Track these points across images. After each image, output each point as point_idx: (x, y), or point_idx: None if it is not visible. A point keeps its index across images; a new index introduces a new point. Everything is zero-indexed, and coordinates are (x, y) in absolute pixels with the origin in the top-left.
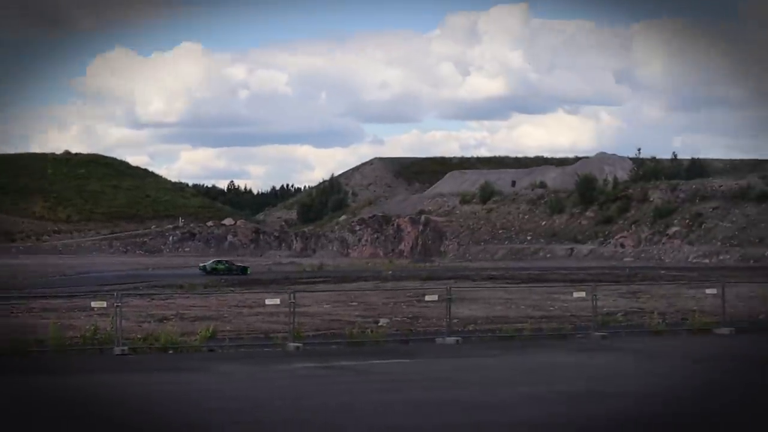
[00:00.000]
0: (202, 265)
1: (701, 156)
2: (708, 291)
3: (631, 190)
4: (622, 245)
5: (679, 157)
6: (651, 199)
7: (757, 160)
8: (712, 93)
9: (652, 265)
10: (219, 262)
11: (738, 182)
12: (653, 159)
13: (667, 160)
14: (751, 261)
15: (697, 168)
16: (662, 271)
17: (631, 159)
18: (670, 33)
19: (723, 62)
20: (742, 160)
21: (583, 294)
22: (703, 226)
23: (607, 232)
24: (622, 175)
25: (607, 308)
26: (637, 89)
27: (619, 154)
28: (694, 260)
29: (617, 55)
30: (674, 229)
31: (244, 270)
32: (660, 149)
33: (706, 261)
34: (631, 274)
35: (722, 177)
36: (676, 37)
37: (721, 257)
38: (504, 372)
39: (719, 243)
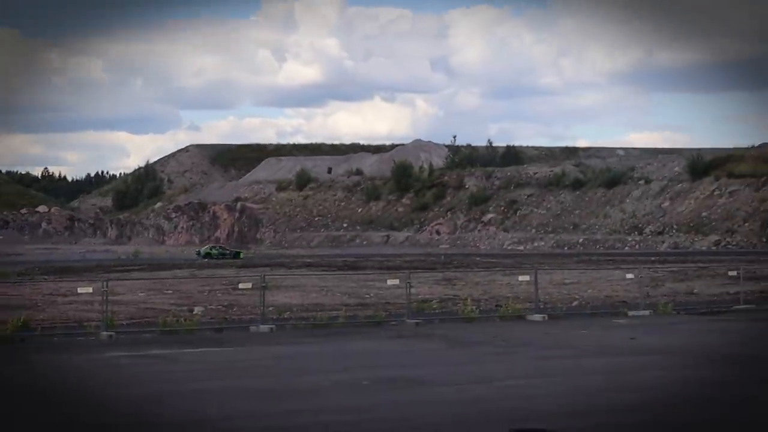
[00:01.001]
0: (197, 250)
1: (516, 143)
2: (521, 278)
3: (446, 177)
4: (438, 232)
5: (495, 144)
6: (466, 186)
7: (570, 147)
8: (527, 81)
9: (467, 252)
10: (213, 247)
11: (552, 169)
12: (469, 146)
13: (482, 147)
14: (566, 247)
15: (512, 155)
16: (477, 258)
17: (446, 146)
18: (486, 20)
19: (538, 50)
20: (556, 148)
21: (397, 281)
22: (518, 213)
23: (423, 219)
24: (438, 162)
25: (422, 295)
26: (453, 77)
27: (434, 142)
28: (509, 247)
29: (433, 43)
30: (489, 216)
31: (236, 254)
32: (475, 136)
33: (521, 248)
34: (447, 261)
35: (537, 164)
36: (492, 24)
37: (535, 244)
38: (317, 359)
39: (534, 230)
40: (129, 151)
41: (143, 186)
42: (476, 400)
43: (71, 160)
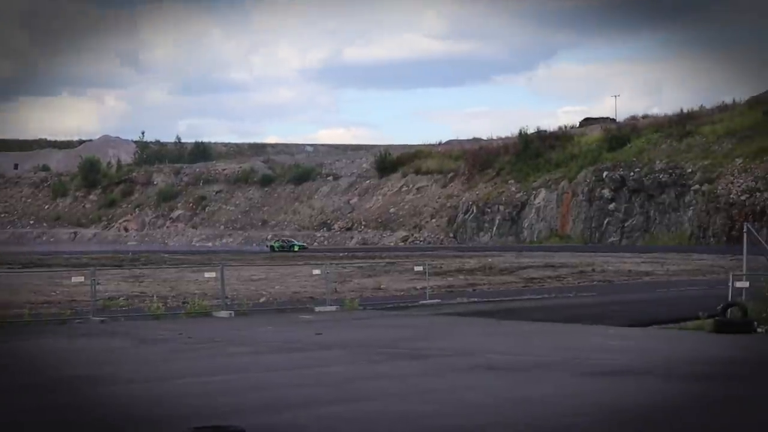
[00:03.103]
0: (269, 243)
1: (205, 140)
2: (207, 275)
3: (135, 174)
4: (126, 229)
5: (183, 140)
6: (155, 182)
7: (259, 143)
8: (217, 77)
9: (155, 249)
10: (277, 240)
11: (241, 166)
12: (157, 142)
13: (171, 143)
14: (254, 244)
15: (201, 151)
16: (165, 255)
17: (135, 142)
18: (176, 16)
19: (228, 46)
20: (245, 144)
21: (82, 278)
22: (206, 210)
23: (110, 216)
24: (126, 158)
25: (109, 293)
26: (143, 72)
27: (123, 138)
28: (198, 244)
29: (122, 38)
30: (178, 212)
31: (292, 247)
32: (164, 133)
33: (210, 244)
34: (134, 257)
35: (225, 161)
36: (182, 19)
37: (224, 240)
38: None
39: (222, 226)
40: None
41: None
42: (157, 398)
43: None
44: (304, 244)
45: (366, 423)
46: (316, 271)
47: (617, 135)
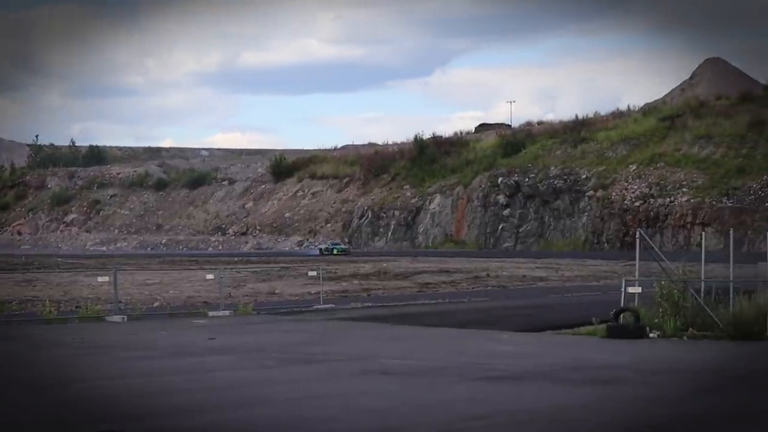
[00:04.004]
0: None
1: (100, 143)
2: (101, 279)
3: (28, 177)
4: (19, 233)
5: (78, 144)
6: (49, 186)
7: (154, 147)
8: (111, 81)
9: (49, 253)
10: (333, 242)
11: (136, 170)
12: (51, 146)
13: (65, 147)
14: (149, 248)
15: (96, 155)
16: (59, 259)
17: (28, 146)
18: (70, 19)
19: (122, 50)
20: (140, 148)
21: None
22: (101, 214)
23: (3, 220)
24: (20, 161)
25: (1, 297)
26: (35, 75)
27: (17, 141)
28: (92, 248)
29: (15, 40)
30: (72, 216)
31: (332, 250)
32: (58, 136)
33: (104, 248)
34: (28, 262)
35: (120, 164)
36: (76, 23)
37: (119, 244)
38: None
39: (117, 230)
40: None
41: None
42: (53, 403)
43: None
44: (346, 247)
45: (257, 429)
46: (210, 276)
47: (512, 141)
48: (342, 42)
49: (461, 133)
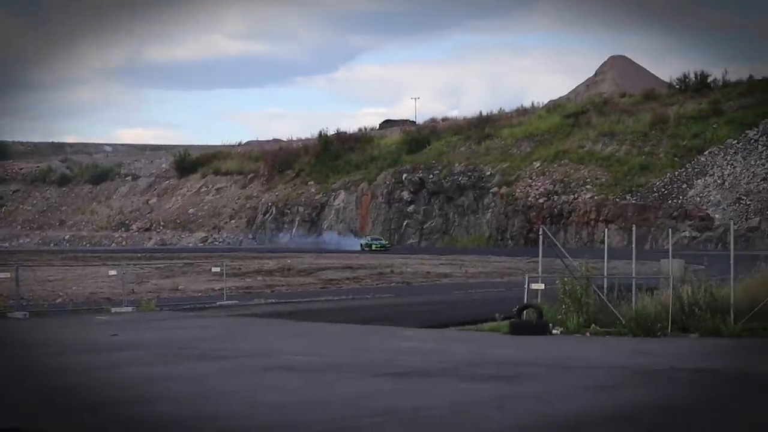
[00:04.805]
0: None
1: (2, 138)
2: (2, 275)
3: None
4: None
5: None
6: None
7: (57, 143)
8: (14, 74)
9: None
10: (374, 238)
11: (39, 165)
12: None
13: None
14: (52, 244)
15: None
16: None
17: None
18: None
19: (25, 42)
20: (43, 143)
21: None
22: (3, 209)
23: None
24: None
25: None
26: None
27: None
28: None
29: None
30: None
31: (371, 245)
32: None
33: (6, 244)
34: None
35: (23, 160)
36: None
37: (21, 240)
38: None
39: (19, 226)
40: None
41: None
42: None
43: None
44: (386, 243)
45: (159, 425)
46: (113, 272)
47: (417, 137)
48: (248, 38)
49: (366, 129)
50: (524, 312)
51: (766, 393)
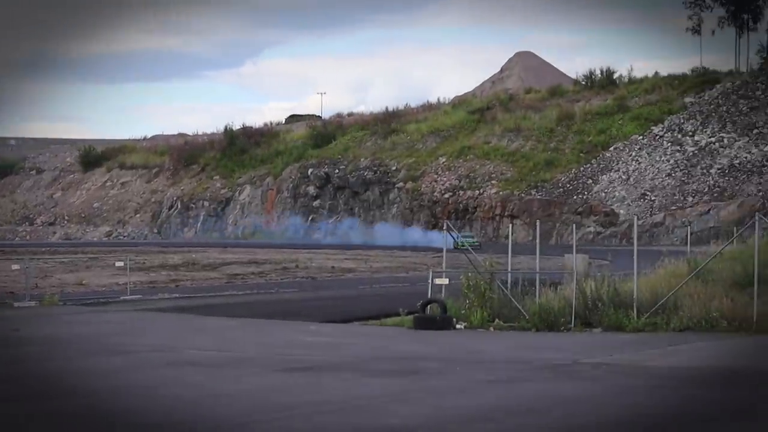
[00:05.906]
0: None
1: None
2: None
3: None
4: None
5: None
6: None
7: None
8: None
9: None
10: (465, 234)
11: None
12: None
13: None
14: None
15: None
16: None
17: None
18: None
19: None
20: None
21: None
22: None
23: None
24: None
25: None
26: None
27: None
28: None
29: None
30: None
31: (472, 243)
32: None
33: None
34: None
35: None
36: None
37: None
38: None
39: None
40: None
41: None
42: None
43: None
44: (476, 241)
45: (54, 421)
46: (16, 266)
47: (323, 132)
48: (155, 31)
49: (272, 124)
50: (428, 307)
51: (668, 385)
